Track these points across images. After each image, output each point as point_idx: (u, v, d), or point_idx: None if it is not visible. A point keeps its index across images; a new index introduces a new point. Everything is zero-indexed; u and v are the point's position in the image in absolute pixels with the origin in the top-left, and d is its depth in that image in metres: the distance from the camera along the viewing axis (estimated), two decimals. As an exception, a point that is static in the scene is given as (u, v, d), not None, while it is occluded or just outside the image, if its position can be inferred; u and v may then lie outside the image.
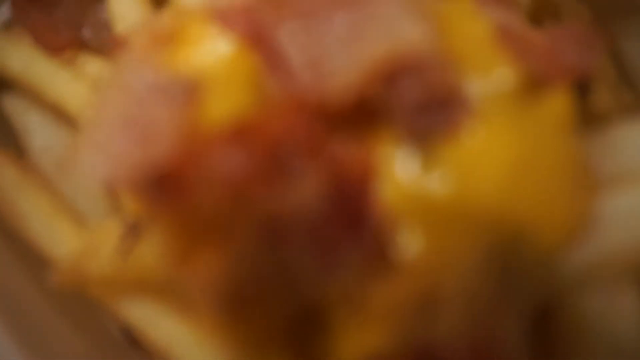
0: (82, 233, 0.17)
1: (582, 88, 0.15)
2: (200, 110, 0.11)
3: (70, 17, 0.21)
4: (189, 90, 0.12)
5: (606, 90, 0.15)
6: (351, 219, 0.11)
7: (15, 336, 0.15)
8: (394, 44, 0.11)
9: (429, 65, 0.11)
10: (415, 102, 0.11)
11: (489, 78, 0.12)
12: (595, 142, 0.14)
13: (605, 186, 0.13)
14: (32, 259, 0.17)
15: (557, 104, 0.13)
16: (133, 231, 0.14)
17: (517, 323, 0.12)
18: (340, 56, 0.11)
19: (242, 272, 0.11)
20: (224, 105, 0.12)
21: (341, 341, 0.11)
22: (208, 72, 0.13)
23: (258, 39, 0.13)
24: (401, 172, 0.12)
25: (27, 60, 0.19)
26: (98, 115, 0.11)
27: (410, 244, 0.11)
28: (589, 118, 0.15)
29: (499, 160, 0.12)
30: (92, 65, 0.20)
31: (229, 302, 0.11)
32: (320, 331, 0.12)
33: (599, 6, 0.19)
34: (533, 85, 0.13)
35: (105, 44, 0.21)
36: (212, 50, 0.13)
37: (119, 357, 0.16)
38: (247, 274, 0.11)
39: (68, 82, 0.19)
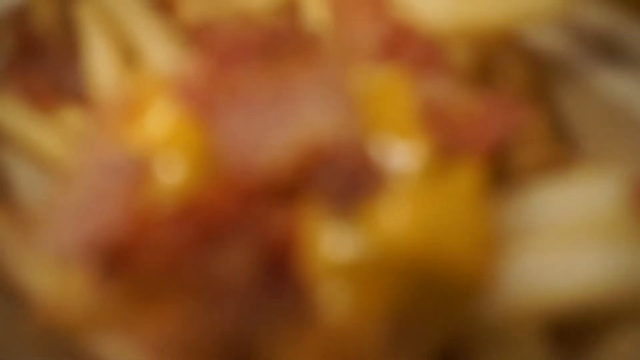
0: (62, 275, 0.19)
1: (507, 147, 0.17)
2: (149, 188, 0.13)
3: (54, 71, 0.23)
4: (141, 168, 0.14)
5: (533, 148, 0.17)
6: (276, 284, 0.13)
7: None
8: (308, 135, 0.12)
9: (346, 155, 0.13)
10: (333, 187, 0.13)
11: (407, 152, 0.14)
12: (513, 200, 0.16)
13: (518, 243, 0.15)
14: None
15: (470, 174, 0.14)
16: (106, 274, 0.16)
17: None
18: (271, 140, 0.13)
19: (184, 330, 0.13)
20: (172, 182, 0.14)
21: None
22: (164, 147, 0.15)
23: (208, 117, 0.15)
24: (323, 239, 0.13)
25: (21, 115, 0.22)
26: (61, 192, 0.13)
27: (331, 303, 0.13)
28: (512, 175, 0.17)
29: (412, 227, 0.14)
30: (74, 118, 0.22)
31: (175, 352, 0.13)
32: None
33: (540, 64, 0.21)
34: (449, 156, 0.14)
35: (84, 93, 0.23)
36: (168, 123, 0.15)
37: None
38: (187, 331, 0.13)
39: (52, 136, 0.21)
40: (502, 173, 0.16)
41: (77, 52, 0.23)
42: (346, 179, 0.13)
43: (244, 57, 0.15)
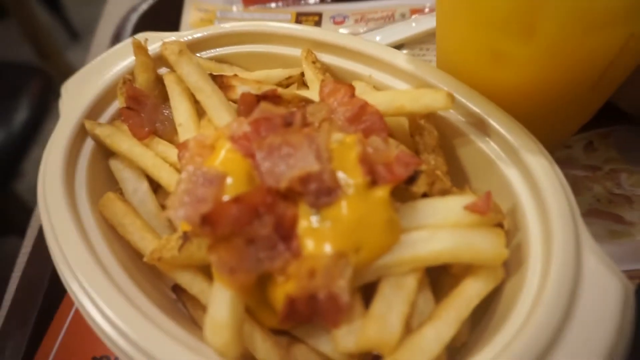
0: (156, 239, 0.32)
1: (410, 180, 0.30)
2: (222, 189, 0.27)
3: (149, 116, 0.37)
4: (217, 178, 0.27)
5: (425, 180, 0.30)
6: (282, 239, 0.26)
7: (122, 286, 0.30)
8: (302, 170, 0.26)
9: (321, 178, 0.26)
10: (314, 193, 0.27)
11: (352, 179, 0.28)
12: (410, 208, 0.29)
13: (410, 230, 0.28)
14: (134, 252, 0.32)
15: (385, 191, 0.28)
16: (185, 239, 0.29)
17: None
18: (281, 171, 0.27)
19: (238, 258, 0.26)
20: (235, 187, 0.27)
21: (277, 288, 0.26)
22: (227, 169, 0.28)
23: (250, 155, 0.28)
24: (307, 220, 0.27)
25: (127, 142, 0.35)
26: (177, 189, 0.27)
27: (306, 249, 0.26)
28: (413, 195, 0.30)
29: (356, 217, 0.27)
30: (161, 147, 0.35)
31: (231, 271, 0.26)
32: (269, 283, 0.27)
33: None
34: (375, 182, 0.28)
35: (168, 133, 0.37)
36: (229, 157, 0.29)
37: (172, 304, 0.32)
38: (240, 259, 0.26)
39: (148, 156, 0.35)
40: (406, 193, 0.30)
41: (164, 104, 0.37)
42: (320, 191, 0.27)
43: (270, 127, 0.28)
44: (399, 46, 0.49)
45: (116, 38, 0.52)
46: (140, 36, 0.39)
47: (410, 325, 0.27)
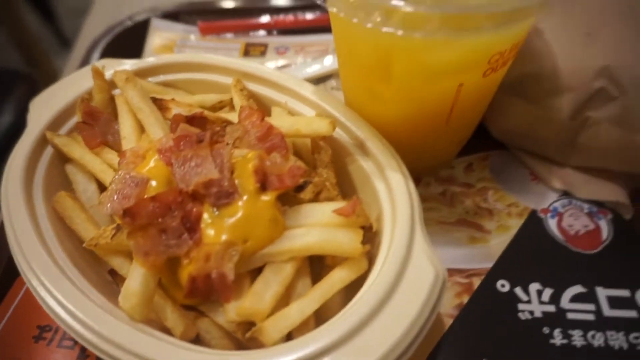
0: (96, 229, 0.40)
1: (299, 188, 0.38)
2: (145, 189, 0.35)
3: (102, 129, 0.45)
4: (142, 181, 0.35)
5: (311, 190, 0.38)
6: (188, 230, 0.34)
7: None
8: (206, 176, 0.34)
9: (221, 184, 0.34)
10: (215, 195, 0.35)
11: (247, 185, 0.36)
12: (295, 211, 0.37)
13: (293, 227, 0.36)
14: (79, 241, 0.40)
15: (272, 196, 0.36)
16: (117, 229, 0.37)
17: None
18: (190, 177, 0.35)
19: (151, 244, 0.34)
20: (157, 188, 0.35)
21: (183, 269, 0.34)
22: (152, 174, 0.36)
23: (170, 164, 0.36)
24: (208, 216, 0.35)
25: (80, 151, 0.43)
26: (109, 188, 0.35)
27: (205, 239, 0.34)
28: (300, 201, 0.38)
29: (246, 215, 0.35)
30: (109, 155, 0.43)
31: (145, 254, 0.34)
32: (178, 265, 0.35)
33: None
34: (266, 189, 0.36)
35: (117, 144, 0.45)
36: (155, 165, 0.37)
37: (108, 285, 0.39)
38: (153, 244, 0.34)
39: (96, 163, 0.42)
40: (296, 199, 0.38)
41: (115, 120, 0.45)
42: (220, 194, 0.35)
43: (187, 143, 0.37)
44: (326, 77, 0.58)
45: (86, 59, 0.60)
46: (99, 63, 0.47)
47: (288, 302, 0.35)
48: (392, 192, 0.37)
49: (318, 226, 0.36)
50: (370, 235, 0.38)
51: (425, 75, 0.35)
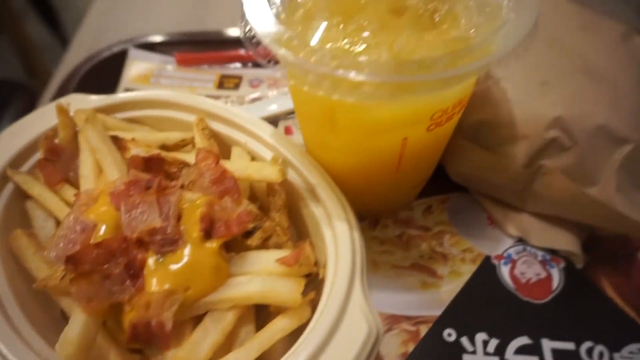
0: (49, 269, 0.40)
1: (248, 234, 0.39)
2: (91, 234, 0.35)
3: (64, 166, 0.46)
4: (89, 226, 0.36)
5: (259, 236, 0.39)
6: (131, 276, 0.35)
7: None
8: (149, 224, 0.35)
9: (165, 232, 0.35)
10: (160, 242, 0.35)
11: (192, 232, 0.36)
12: (241, 258, 0.38)
13: (237, 275, 0.37)
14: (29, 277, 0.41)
15: (217, 243, 0.36)
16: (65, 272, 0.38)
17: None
18: (136, 224, 0.35)
19: (94, 290, 0.34)
20: (105, 233, 0.36)
21: (125, 315, 0.35)
22: (101, 218, 0.37)
23: (119, 209, 0.37)
24: (152, 263, 0.35)
25: (39, 188, 0.44)
26: (56, 233, 0.35)
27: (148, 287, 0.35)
28: (248, 247, 0.39)
29: (188, 263, 0.35)
30: (69, 193, 0.44)
31: (88, 300, 0.35)
32: (122, 310, 0.35)
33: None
34: (212, 236, 0.37)
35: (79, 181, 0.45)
36: (105, 209, 0.38)
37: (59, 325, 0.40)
38: (96, 291, 0.34)
39: (54, 201, 0.43)
40: (243, 245, 0.38)
41: (79, 156, 0.46)
42: (164, 242, 0.35)
43: (136, 188, 0.37)
44: (293, 112, 0.59)
45: (62, 90, 0.61)
46: (65, 99, 0.48)
47: (231, 350, 0.36)
48: (337, 241, 0.38)
49: (261, 274, 0.37)
50: (317, 282, 0.39)
51: (368, 131, 0.36)
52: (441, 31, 0.35)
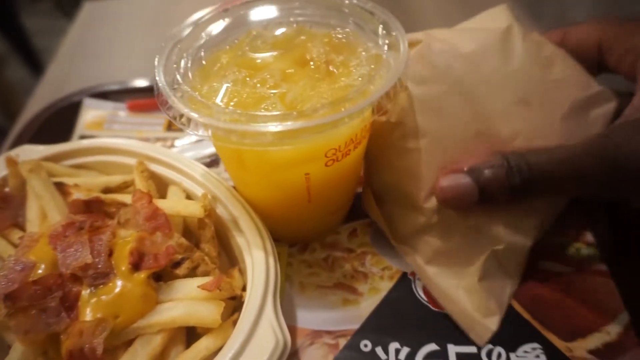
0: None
1: (176, 264, 0.43)
2: (30, 273, 0.40)
3: (14, 211, 0.50)
4: (28, 266, 0.40)
5: (187, 265, 0.43)
6: (66, 309, 0.39)
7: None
8: (82, 260, 0.39)
9: (97, 267, 0.40)
10: (92, 276, 0.40)
11: (122, 266, 0.41)
12: (169, 286, 0.42)
13: (165, 301, 0.41)
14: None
15: (145, 274, 0.41)
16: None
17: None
18: (70, 261, 0.40)
19: (31, 323, 0.38)
20: (44, 271, 0.40)
21: (62, 344, 0.39)
22: (40, 258, 0.41)
23: (56, 249, 0.41)
24: (86, 295, 0.39)
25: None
26: (0, 270, 0.40)
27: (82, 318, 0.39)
28: (177, 276, 0.43)
29: (118, 294, 0.40)
30: (17, 236, 0.48)
31: (25, 333, 0.39)
32: (57, 341, 0.39)
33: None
34: (141, 268, 0.41)
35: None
36: (43, 249, 0.42)
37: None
38: (33, 324, 0.38)
39: (2, 244, 0.47)
40: (168, 274, 0.43)
41: (25, 205, 0.50)
42: (96, 276, 0.40)
43: (71, 229, 0.42)
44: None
45: (18, 140, 0.66)
46: (14, 151, 0.53)
47: (160, 371, 0.40)
48: (254, 266, 0.43)
49: (186, 300, 0.41)
50: (240, 305, 0.43)
51: (272, 169, 0.41)
52: (333, 80, 0.41)
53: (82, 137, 0.68)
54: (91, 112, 0.71)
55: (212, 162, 0.62)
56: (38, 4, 3.32)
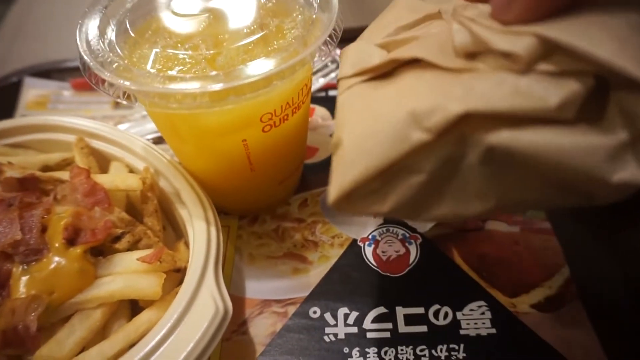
0: None
1: (116, 239, 0.42)
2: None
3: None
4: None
5: (127, 239, 0.42)
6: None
7: None
8: (12, 237, 0.38)
9: (28, 243, 0.38)
10: (24, 253, 0.38)
11: (56, 242, 0.39)
12: (108, 261, 0.41)
13: (104, 276, 0.40)
14: None
15: (81, 249, 0.40)
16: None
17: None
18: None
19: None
20: None
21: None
22: None
23: None
24: (17, 273, 0.38)
25: None
26: None
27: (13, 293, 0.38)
28: (117, 250, 0.42)
29: (52, 269, 0.39)
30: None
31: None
32: None
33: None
34: (76, 243, 0.40)
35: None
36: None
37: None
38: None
39: None
40: (108, 249, 0.42)
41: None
42: (28, 252, 0.38)
43: (2, 206, 0.40)
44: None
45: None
46: (-55, 130, 0.50)
47: (102, 345, 0.39)
48: (195, 237, 0.42)
49: (126, 273, 0.40)
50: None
51: (207, 136, 0.40)
52: (267, 44, 0.40)
53: (23, 117, 0.66)
54: (33, 92, 0.68)
55: (160, 138, 0.61)
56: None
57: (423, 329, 0.44)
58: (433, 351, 0.42)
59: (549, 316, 0.44)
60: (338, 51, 0.70)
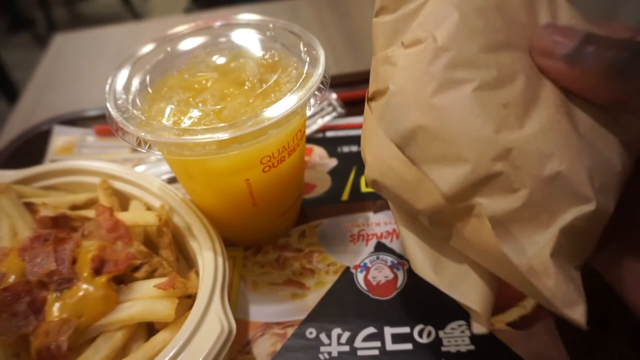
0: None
1: (135, 269, 0.48)
2: (5, 282, 0.44)
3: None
4: (1, 275, 0.45)
5: (146, 269, 0.48)
6: (34, 313, 0.43)
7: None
8: (47, 268, 0.44)
9: (61, 273, 0.44)
10: (57, 282, 0.44)
11: (84, 271, 0.45)
12: (129, 288, 0.47)
13: (125, 301, 0.46)
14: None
15: (106, 278, 0.46)
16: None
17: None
18: (37, 270, 0.45)
19: (2, 326, 0.43)
20: (13, 280, 0.45)
21: (32, 344, 0.43)
22: (9, 269, 0.46)
23: (24, 259, 0.46)
24: (52, 299, 0.44)
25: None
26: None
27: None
28: (136, 279, 0.48)
29: (81, 296, 0.44)
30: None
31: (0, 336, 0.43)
32: (28, 343, 0.43)
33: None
34: (102, 272, 0.46)
35: None
36: (13, 262, 0.47)
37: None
38: (4, 327, 0.43)
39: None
40: (129, 278, 0.47)
41: (-3, 223, 0.55)
42: (61, 281, 0.44)
43: (38, 242, 0.47)
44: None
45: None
46: (-17, 175, 0.58)
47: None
48: (204, 266, 0.48)
49: (143, 299, 0.46)
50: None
51: (214, 175, 0.47)
52: (265, 96, 0.47)
53: (54, 162, 0.73)
54: (61, 139, 0.76)
55: (173, 178, 0.68)
56: (15, 37, 3.37)
57: (409, 346, 0.49)
58: (418, 367, 0.47)
59: (523, 333, 0.48)
60: (334, 95, 0.78)
